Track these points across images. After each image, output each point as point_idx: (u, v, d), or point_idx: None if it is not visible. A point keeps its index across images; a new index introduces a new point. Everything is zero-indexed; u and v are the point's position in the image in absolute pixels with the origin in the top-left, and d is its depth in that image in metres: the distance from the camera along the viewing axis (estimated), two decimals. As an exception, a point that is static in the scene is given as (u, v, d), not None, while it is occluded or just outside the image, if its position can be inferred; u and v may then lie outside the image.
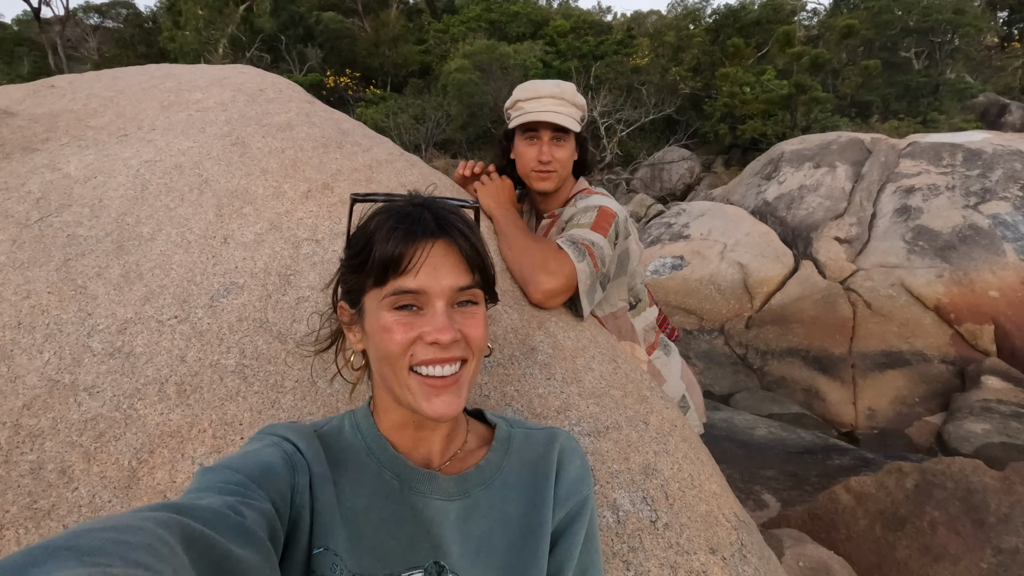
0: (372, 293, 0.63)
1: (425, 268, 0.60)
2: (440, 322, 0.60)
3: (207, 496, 0.49)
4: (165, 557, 0.37)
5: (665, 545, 0.90)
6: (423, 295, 0.60)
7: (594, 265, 1.20)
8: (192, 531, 0.41)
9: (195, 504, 0.46)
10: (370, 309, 0.63)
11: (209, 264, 1.08)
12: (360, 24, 21.29)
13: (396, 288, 0.60)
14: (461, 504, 0.65)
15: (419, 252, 0.60)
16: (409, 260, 0.60)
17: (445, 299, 0.61)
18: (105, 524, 0.38)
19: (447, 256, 0.61)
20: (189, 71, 1.85)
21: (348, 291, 0.67)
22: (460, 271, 0.62)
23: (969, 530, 2.09)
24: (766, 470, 3.57)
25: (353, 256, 0.65)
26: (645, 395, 1.16)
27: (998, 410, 4.08)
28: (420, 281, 0.60)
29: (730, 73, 13.93)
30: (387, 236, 0.60)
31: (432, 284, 0.60)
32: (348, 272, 0.66)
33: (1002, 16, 18.29)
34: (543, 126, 1.35)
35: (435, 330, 0.59)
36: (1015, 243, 5.27)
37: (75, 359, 0.94)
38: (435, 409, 0.61)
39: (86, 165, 1.28)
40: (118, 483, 0.85)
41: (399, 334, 0.60)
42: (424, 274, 0.60)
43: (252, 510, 0.50)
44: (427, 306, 0.61)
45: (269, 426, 0.65)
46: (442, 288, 0.61)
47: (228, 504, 0.48)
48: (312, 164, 1.32)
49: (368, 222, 0.65)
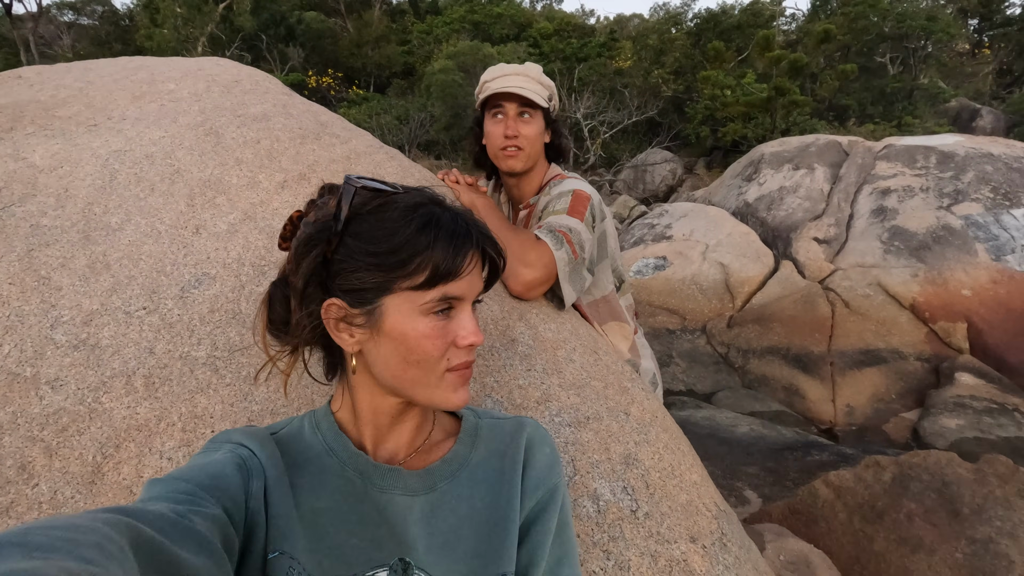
0: (405, 295, 0.59)
1: (468, 276, 0.62)
2: (475, 325, 0.63)
3: (153, 504, 0.47)
4: (115, 556, 0.36)
5: (645, 534, 0.90)
6: (460, 300, 0.62)
7: (572, 252, 1.19)
8: (142, 535, 0.40)
9: (145, 509, 0.45)
10: (398, 311, 0.59)
11: (180, 254, 1.05)
12: (343, 24, 21.14)
13: (444, 294, 0.60)
14: (426, 499, 0.63)
15: (470, 260, 0.62)
16: (464, 269, 0.61)
17: (471, 302, 0.64)
18: (54, 523, 0.37)
19: (478, 264, 0.64)
20: (163, 63, 1.81)
21: (359, 289, 0.60)
22: (481, 276, 0.66)
23: (944, 521, 2.12)
24: (747, 467, 3.61)
25: (388, 254, 0.58)
26: (626, 386, 1.15)
27: (971, 406, 4.17)
28: (462, 288, 0.62)
29: (711, 76, 14.11)
30: (447, 243, 0.60)
31: (469, 291, 0.63)
32: (370, 270, 0.59)
33: (973, 24, 18.81)
34: (508, 100, 1.34)
35: (471, 334, 0.62)
36: (986, 243, 5.40)
37: (37, 352, 0.91)
38: (461, 398, 0.63)
39: (52, 154, 1.23)
40: (81, 479, 0.82)
41: (439, 341, 0.61)
42: (467, 281, 0.62)
43: (203, 518, 0.48)
44: (457, 308, 0.63)
45: (223, 432, 0.63)
46: (473, 293, 0.64)
47: (178, 512, 0.47)
48: (289, 155, 1.30)
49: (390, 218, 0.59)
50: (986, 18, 18.19)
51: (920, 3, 16.86)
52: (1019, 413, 4.08)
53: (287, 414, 0.92)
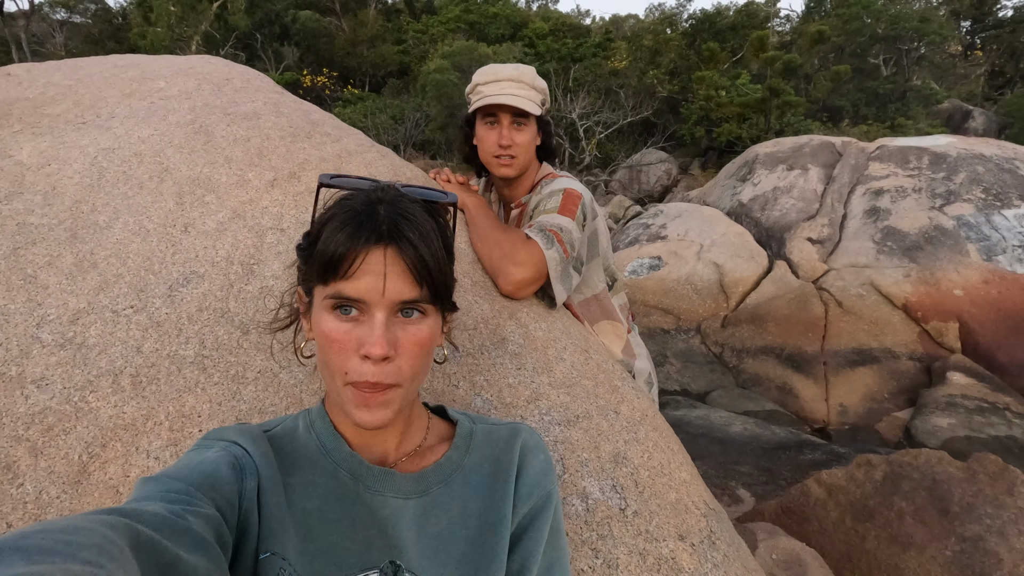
0: (318, 289, 0.60)
1: (368, 276, 0.56)
2: (376, 335, 0.55)
3: (149, 504, 0.47)
4: (115, 558, 0.35)
5: (634, 532, 0.90)
6: (363, 303, 0.57)
7: (563, 251, 1.19)
8: (141, 535, 0.40)
9: (142, 509, 0.45)
10: (316, 304, 0.61)
11: (168, 253, 1.05)
12: (338, 23, 21.08)
13: (335, 292, 0.57)
14: (419, 502, 0.63)
15: (362, 258, 0.56)
16: (350, 265, 0.56)
17: (386, 310, 0.57)
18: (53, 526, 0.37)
19: (394, 265, 0.56)
20: (154, 61, 1.80)
21: (304, 279, 0.64)
22: (406, 283, 0.57)
23: (935, 519, 2.14)
24: (741, 466, 3.62)
25: (306, 245, 0.61)
26: (616, 385, 1.15)
27: (963, 405, 4.20)
28: (360, 290, 0.56)
29: (706, 77, 14.15)
30: (331, 235, 0.56)
31: (373, 294, 0.56)
32: (302, 260, 0.63)
33: (965, 25, 18.94)
34: (502, 110, 1.33)
35: (369, 343, 0.56)
36: (978, 243, 5.44)
37: (23, 350, 0.90)
38: (363, 418, 0.58)
39: (40, 152, 1.23)
40: (67, 478, 0.81)
41: (337, 346, 0.57)
42: (365, 283, 0.56)
43: (197, 517, 0.48)
44: (366, 314, 0.57)
45: (216, 430, 0.63)
46: (385, 300, 0.56)
47: (174, 511, 0.46)
48: (279, 153, 1.29)
49: (327, 211, 0.61)
50: (978, 20, 18.32)
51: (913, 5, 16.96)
52: (1010, 412, 4.11)
53: (276, 413, 0.91)
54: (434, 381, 1.00)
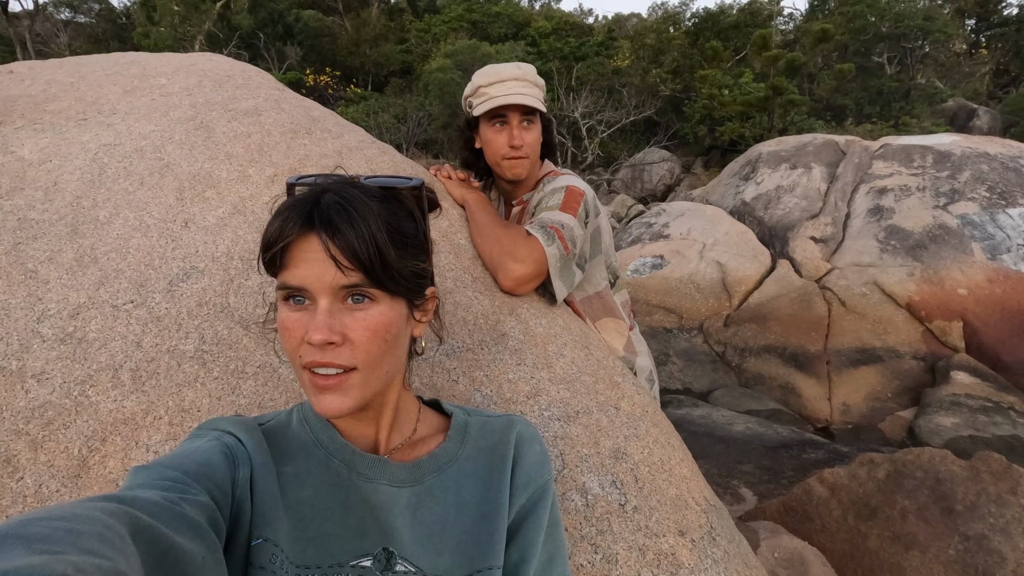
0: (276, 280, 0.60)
1: (304, 263, 0.56)
2: (318, 321, 0.56)
3: (145, 491, 0.47)
4: (116, 546, 0.36)
5: (634, 528, 0.89)
6: (307, 291, 0.57)
7: (564, 247, 1.19)
8: (139, 521, 0.40)
9: (139, 496, 0.45)
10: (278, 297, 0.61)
11: (168, 248, 1.05)
12: (341, 23, 21.10)
13: (282, 282, 0.57)
14: (413, 490, 0.63)
15: (292, 245, 0.56)
16: (284, 254, 0.56)
17: (329, 296, 0.56)
18: (54, 513, 0.36)
19: (322, 250, 0.56)
20: (155, 58, 1.80)
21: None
22: (344, 267, 0.56)
23: (937, 518, 2.13)
24: (743, 464, 3.61)
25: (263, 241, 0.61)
26: (617, 381, 1.15)
27: (966, 404, 4.18)
28: (299, 277, 0.56)
29: (709, 75, 14.11)
30: (268, 226, 0.57)
31: (311, 281, 0.56)
32: None
33: (970, 24, 18.84)
34: (512, 110, 1.32)
35: (312, 329, 0.56)
36: (982, 242, 5.41)
37: (23, 345, 0.91)
38: (322, 406, 0.58)
39: (41, 148, 1.23)
40: (67, 472, 0.82)
41: (289, 334, 0.58)
42: (302, 270, 0.56)
43: (192, 504, 0.48)
44: (315, 303, 0.57)
45: (209, 420, 0.63)
46: (322, 285, 0.56)
47: (168, 499, 0.47)
48: (279, 149, 1.29)
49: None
50: (983, 18, 18.23)
51: (918, 3, 16.88)
52: (1014, 411, 4.09)
53: (275, 407, 0.91)
54: (434, 376, 1.00)
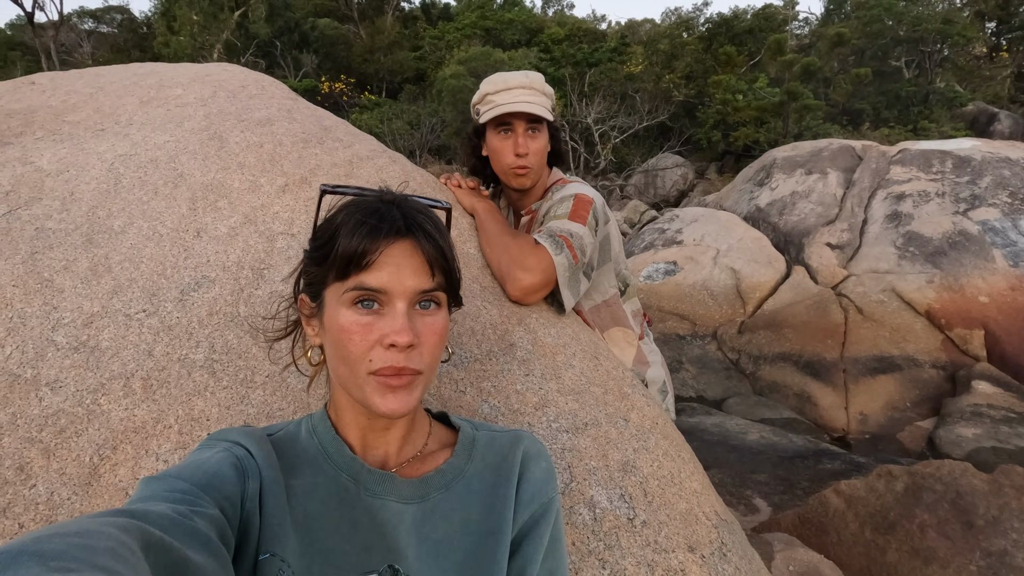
0: (333, 287, 0.61)
1: (388, 267, 0.58)
2: (399, 324, 0.58)
3: (155, 504, 0.48)
4: (129, 561, 0.36)
5: (642, 543, 0.88)
6: (384, 294, 0.59)
7: (573, 256, 1.18)
8: (151, 536, 0.40)
9: (150, 510, 0.45)
10: (330, 304, 0.61)
11: (180, 257, 1.06)
12: (355, 30, 21.36)
13: (357, 284, 0.58)
14: (419, 507, 0.63)
15: (384, 249, 0.58)
16: (373, 256, 0.58)
17: (407, 300, 0.59)
18: (67, 529, 0.37)
19: (412, 256, 0.60)
20: (172, 68, 1.83)
21: (310, 283, 0.65)
22: (424, 273, 0.60)
23: (958, 533, 2.07)
24: (757, 474, 3.56)
25: (317, 248, 0.63)
26: (626, 392, 1.14)
27: (988, 415, 4.08)
28: (382, 280, 0.58)
29: (723, 81, 14.04)
30: (352, 230, 0.59)
31: (394, 284, 0.59)
32: (311, 264, 0.64)
33: (990, 27, 18.53)
34: (517, 117, 1.32)
35: (393, 332, 0.58)
36: (1004, 249, 5.30)
37: (38, 353, 0.92)
38: (388, 406, 0.59)
39: (59, 159, 1.25)
40: (78, 480, 0.82)
41: (359, 337, 0.58)
42: (387, 273, 0.58)
43: (202, 517, 0.48)
44: (387, 305, 0.59)
45: (219, 431, 0.64)
46: (404, 289, 0.59)
47: (179, 512, 0.47)
48: (291, 159, 1.30)
49: (336, 214, 0.63)
50: (1004, 21, 17.90)
51: (936, 6, 16.65)
52: (1038, 423, 3.99)
53: (284, 417, 0.91)
54: (441, 387, 0.99)
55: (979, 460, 3.54)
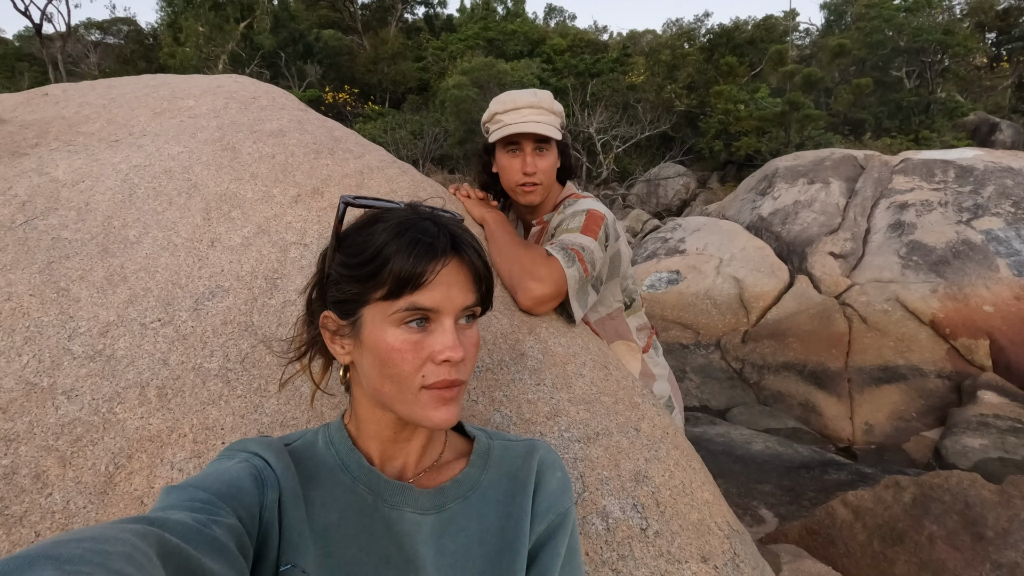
0: (378, 306, 0.60)
1: (441, 286, 0.59)
2: (451, 340, 0.59)
3: (174, 513, 0.48)
4: (145, 568, 0.36)
5: (656, 553, 0.88)
6: (435, 312, 0.60)
7: (584, 269, 1.19)
8: (168, 544, 0.41)
9: (168, 518, 0.46)
10: (372, 322, 0.60)
11: (195, 267, 1.07)
12: (359, 41, 21.56)
13: (411, 304, 0.58)
14: (436, 518, 0.63)
15: (438, 268, 0.59)
16: (428, 276, 0.58)
17: (454, 316, 0.61)
18: (83, 535, 0.37)
19: (460, 273, 0.61)
20: (183, 80, 1.86)
21: (342, 300, 0.63)
22: (470, 289, 0.62)
23: (968, 544, 2.06)
24: (763, 485, 3.54)
25: (361, 265, 0.60)
26: (637, 401, 1.14)
27: (995, 425, 4.06)
28: (436, 299, 0.59)
29: (724, 91, 14.12)
30: (408, 250, 0.58)
31: (445, 303, 0.60)
32: (347, 281, 0.62)
33: (990, 37, 18.64)
34: (525, 137, 1.33)
35: (447, 348, 0.59)
36: (1008, 258, 5.29)
37: (54, 362, 0.93)
38: (441, 417, 0.60)
39: (74, 169, 1.27)
40: (94, 489, 0.83)
41: (411, 356, 0.59)
42: (440, 292, 0.59)
43: (220, 527, 0.49)
44: (436, 322, 0.60)
45: (239, 441, 0.64)
46: (454, 306, 0.60)
47: (198, 520, 0.47)
48: (303, 169, 1.32)
49: (373, 230, 0.61)
50: (1004, 32, 18.00)
51: (936, 17, 16.75)
52: (1045, 433, 3.96)
53: (298, 426, 0.92)
54: (453, 396, 1.00)
55: (986, 471, 3.52)
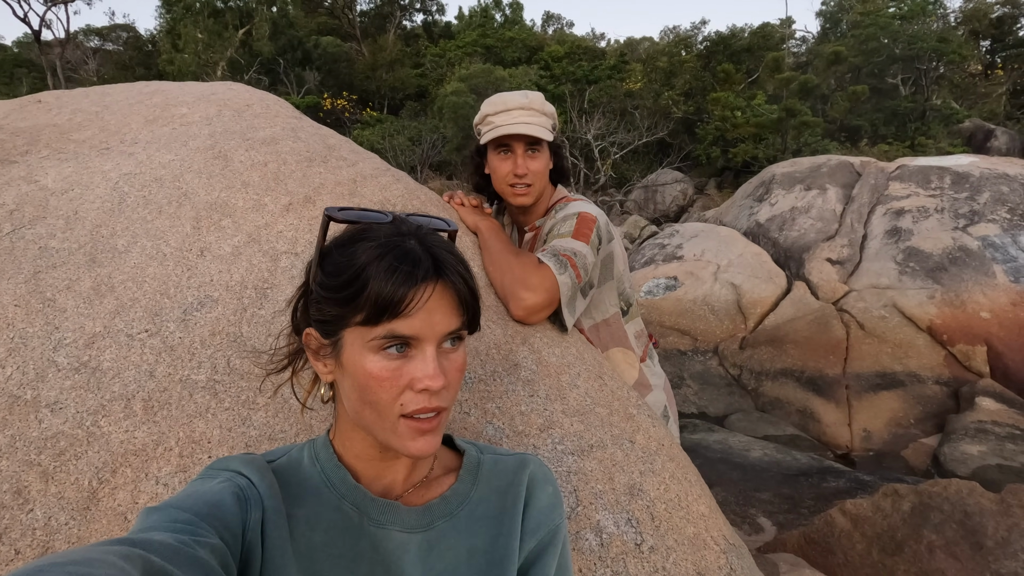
0: (358, 330, 0.58)
1: (421, 313, 0.56)
2: (432, 369, 0.57)
3: (157, 534, 0.47)
4: None
5: (650, 569, 0.86)
6: (415, 339, 0.57)
7: (576, 276, 1.17)
8: (153, 565, 0.40)
9: (152, 539, 0.44)
10: (352, 345, 0.59)
11: (184, 277, 1.06)
12: (358, 48, 21.63)
13: (389, 332, 0.56)
14: (424, 536, 0.62)
15: (419, 295, 0.56)
16: (408, 304, 0.56)
17: (435, 343, 0.58)
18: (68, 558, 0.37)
19: (443, 299, 0.58)
20: (178, 87, 1.85)
21: (324, 320, 0.60)
22: (454, 314, 0.59)
23: (967, 554, 2.04)
24: (761, 493, 3.52)
25: (340, 287, 0.58)
26: (631, 413, 1.13)
27: (993, 431, 4.05)
28: (415, 327, 0.56)
29: (721, 98, 14.17)
30: (387, 276, 0.55)
31: (426, 330, 0.57)
32: (328, 303, 0.59)
33: (985, 45, 18.77)
34: (516, 139, 1.33)
35: (427, 377, 0.57)
36: (1005, 265, 5.30)
37: (39, 374, 0.91)
38: (418, 448, 0.58)
39: (64, 177, 1.25)
40: (76, 504, 0.81)
41: (388, 383, 0.57)
42: (420, 320, 0.56)
43: (203, 546, 0.48)
44: (416, 348, 0.58)
45: (221, 460, 0.62)
46: (435, 333, 0.58)
47: (181, 541, 0.46)
48: (295, 177, 1.31)
49: (354, 250, 0.59)
50: (998, 39, 18.14)
51: (931, 25, 16.86)
52: (1043, 440, 3.95)
53: (285, 440, 0.90)
54: (445, 408, 0.98)
55: (985, 478, 3.50)
